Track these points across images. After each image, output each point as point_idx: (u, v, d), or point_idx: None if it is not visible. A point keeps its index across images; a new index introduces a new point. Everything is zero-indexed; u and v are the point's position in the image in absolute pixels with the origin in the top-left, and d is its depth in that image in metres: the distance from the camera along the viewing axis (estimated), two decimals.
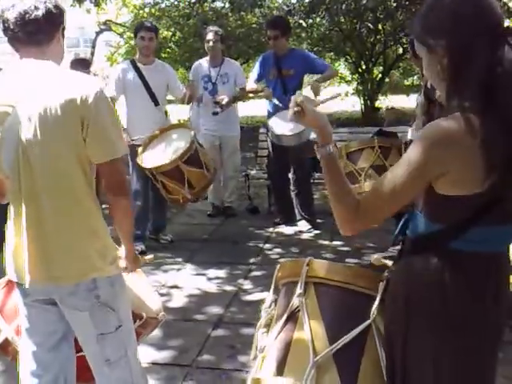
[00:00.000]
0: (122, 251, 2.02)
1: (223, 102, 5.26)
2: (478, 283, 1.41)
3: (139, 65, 4.75)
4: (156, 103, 4.77)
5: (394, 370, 1.52)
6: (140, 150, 4.41)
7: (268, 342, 1.71)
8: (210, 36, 5.43)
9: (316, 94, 4.96)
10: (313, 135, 5.37)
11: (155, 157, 4.34)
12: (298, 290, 1.67)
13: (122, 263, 2.02)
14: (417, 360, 1.46)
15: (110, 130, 1.81)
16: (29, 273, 1.83)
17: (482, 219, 1.35)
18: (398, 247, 1.58)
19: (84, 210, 1.84)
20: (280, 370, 1.60)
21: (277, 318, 1.74)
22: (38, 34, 1.82)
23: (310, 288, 1.68)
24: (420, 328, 1.45)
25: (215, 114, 5.31)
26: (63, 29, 1.92)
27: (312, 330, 1.60)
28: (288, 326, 1.67)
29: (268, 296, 1.86)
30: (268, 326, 1.79)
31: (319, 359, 1.55)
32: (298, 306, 1.66)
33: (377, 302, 1.59)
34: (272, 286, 1.85)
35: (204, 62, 5.61)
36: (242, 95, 5.68)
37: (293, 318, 1.67)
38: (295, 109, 1.49)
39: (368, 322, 1.58)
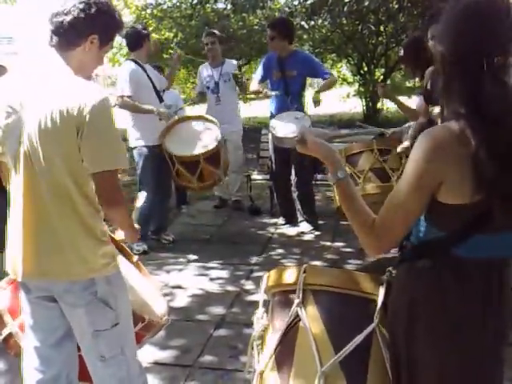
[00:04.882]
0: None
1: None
2: (480, 288, 1.42)
3: (142, 65, 4.79)
4: (161, 100, 4.86)
5: (399, 372, 1.52)
6: (166, 145, 4.70)
7: (266, 355, 1.66)
8: (206, 39, 5.82)
9: (317, 104, 5.02)
10: None
11: (195, 144, 4.74)
12: (297, 298, 1.63)
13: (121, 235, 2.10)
14: (422, 362, 1.47)
15: (105, 141, 1.77)
16: (22, 268, 1.87)
17: (484, 227, 1.36)
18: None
19: (80, 214, 1.84)
20: (284, 383, 1.57)
21: (274, 329, 1.69)
22: (60, 37, 1.84)
23: (309, 296, 1.64)
24: (424, 331, 1.45)
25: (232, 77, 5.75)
26: (99, 38, 1.89)
27: (316, 339, 1.56)
28: (289, 337, 1.62)
29: (259, 307, 1.82)
30: (262, 337, 1.74)
31: (326, 369, 1.52)
32: (297, 316, 1.62)
33: (379, 306, 1.58)
34: (261, 297, 1.81)
35: (206, 65, 5.98)
36: (244, 88, 5.92)
37: (293, 328, 1.62)
38: (296, 137, 1.56)
39: (372, 326, 1.56)
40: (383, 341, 1.57)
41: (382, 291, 1.59)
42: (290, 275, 1.70)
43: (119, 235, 2.14)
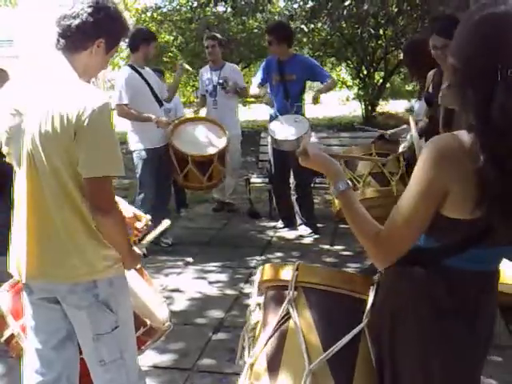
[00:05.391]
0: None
1: (229, 83, 5.67)
2: (472, 297, 1.42)
3: (139, 69, 4.79)
4: (160, 104, 4.87)
5: (383, 372, 1.53)
6: (177, 146, 4.74)
7: (257, 348, 1.67)
8: (207, 42, 5.85)
9: (316, 103, 5.02)
10: (313, 139, 5.38)
11: (206, 144, 4.90)
12: (288, 295, 1.63)
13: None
14: (406, 364, 1.47)
15: (101, 147, 1.76)
16: (25, 269, 1.87)
17: (481, 242, 1.35)
18: None
19: (83, 216, 1.84)
20: (273, 378, 1.58)
21: (265, 323, 1.70)
22: (67, 40, 1.84)
23: (300, 293, 1.64)
24: (407, 336, 1.46)
25: (220, 84, 5.71)
26: (106, 42, 1.89)
27: (305, 336, 1.57)
28: (279, 332, 1.63)
29: (252, 300, 1.82)
30: (254, 330, 1.75)
31: (314, 366, 1.53)
32: (288, 312, 1.63)
33: (369, 306, 1.58)
34: (254, 289, 1.81)
35: (207, 67, 5.99)
36: (243, 93, 6.00)
37: (284, 324, 1.63)
38: (298, 151, 1.56)
39: (361, 326, 1.57)
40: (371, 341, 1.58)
41: (372, 292, 1.60)
42: (283, 272, 1.71)
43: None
